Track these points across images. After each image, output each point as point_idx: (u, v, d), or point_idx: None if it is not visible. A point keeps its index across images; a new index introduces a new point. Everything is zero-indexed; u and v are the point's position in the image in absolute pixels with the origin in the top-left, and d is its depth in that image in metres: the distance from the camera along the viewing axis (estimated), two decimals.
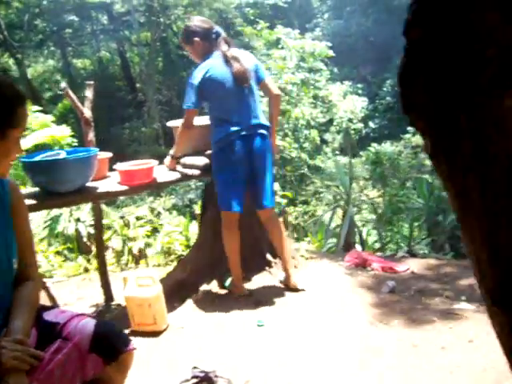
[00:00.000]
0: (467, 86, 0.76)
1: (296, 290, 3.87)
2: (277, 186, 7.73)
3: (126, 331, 3.51)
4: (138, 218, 7.44)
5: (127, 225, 7.04)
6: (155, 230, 7.19)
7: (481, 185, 0.80)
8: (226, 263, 3.94)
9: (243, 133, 3.56)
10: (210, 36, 3.61)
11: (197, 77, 3.54)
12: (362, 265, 4.47)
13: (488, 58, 0.74)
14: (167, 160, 3.86)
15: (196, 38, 3.62)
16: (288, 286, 3.90)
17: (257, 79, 3.69)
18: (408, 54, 0.83)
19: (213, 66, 3.55)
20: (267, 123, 3.70)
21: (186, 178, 3.89)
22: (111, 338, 1.83)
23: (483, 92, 0.75)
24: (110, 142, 15.79)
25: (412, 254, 5.18)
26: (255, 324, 3.49)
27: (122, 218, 7.15)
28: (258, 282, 4.12)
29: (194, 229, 6.56)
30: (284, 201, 7.09)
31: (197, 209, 8.27)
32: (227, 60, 3.54)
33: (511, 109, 0.75)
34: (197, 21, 3.69)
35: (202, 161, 3.77)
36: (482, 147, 0.77)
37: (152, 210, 8.63)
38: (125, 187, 3.53)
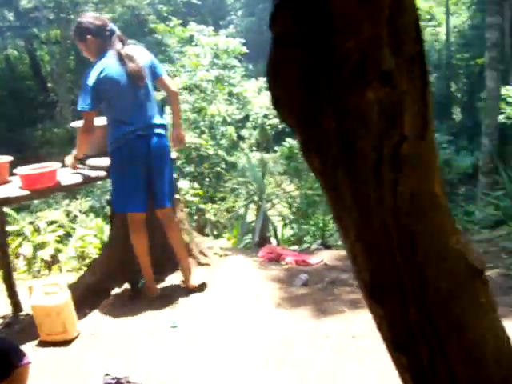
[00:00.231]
0: (330, 81, 0.75)
1: (196, 289, 3.83)
2: (186, 184, 7.63)
3: (35, 342, 3.36)
4: (51, 223, 7.16)
5: (38, 230, 6.76)
6: (69, 235, 6.94)
7: (350, 180, 0.79)
8: (138, 264, 3.85)
9: (139, 132, 3.50)
10: (103, 33, 3.50)
11: (92, 77, 3.42)
12: (276, 259, 4.50)
13: (348, 51, 0.73)
14: (68, 159, 3.71)
15: (88, 36, 3.50)
16: (187, 287, 3.86)
17: (154, 76, 3.63)
18: (274, 48, 0.81)
19: (108, 66, 3.44)
20: (164, 122, 3.67)
21: (91, 179, 3.77)
22: (2, 353, 1.72)
23: (345, 86, 0.74)
24: (24, 145, 15.16)
25: (326, 246, 5.27)
26: (169, 326, 3.43)
27: (31, 223, 6.85)
28: (171, 282, 4.05)
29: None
30: (196, 199, 7.03)
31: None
32: (122, 59, 3.45)
33: (374, 102, 0.75)
34: (89, 17, 3.57)
35: (107, 161, 3.66)
36: (349, 142, 0.77)
37: (68, 213, 8.34)
38: (26, 192, 3.37)
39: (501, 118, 7.62)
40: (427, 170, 0.82)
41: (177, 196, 4.11)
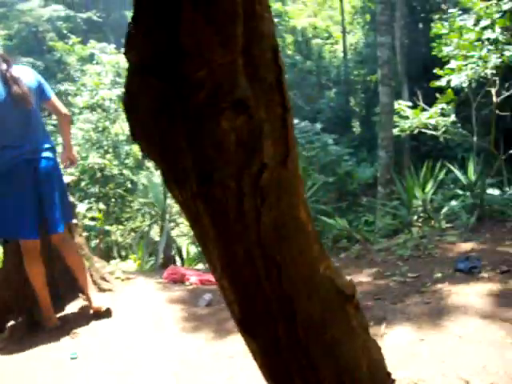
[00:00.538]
0: (185, 111, 0.73)
1: (101, 313, 3.69)
2: (85, 208, 7.39)
3: None
4: None
5: None
6: None
7: (211, 212, 0.77)
8: (35, 294, 3.65)
9: (25, 157, 3.34)
10: None
11: None
12: (180, 280, 4.43)
13: (200, 80, 0.71)
14: None
15: None
16: (92, 311, 3.72)
17: (42, 98, 3.49)
18: (130, 77, 0.78)
19: None
20: (50, 144, 3.53)
21: None
22: None
23: (199, 116, 0.72)
24: None
25: None
26: (68, 357, 3.27)
27: None
28: (72, 310, 3.88)
29: None
30: (96, 222, 6.81)
31: None
32: (6, 81, 3.29)
33: (230, 132, 0.73)
34: None
35: None
36: (207, 174, 0.74)
37: None
38: None
39: (395, 131, 7.99)
40: (291, 197, 0.81)
41: (74, 221, 3.96)
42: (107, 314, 3.71)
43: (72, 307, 3.91)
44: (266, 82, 0.77)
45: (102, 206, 9.71)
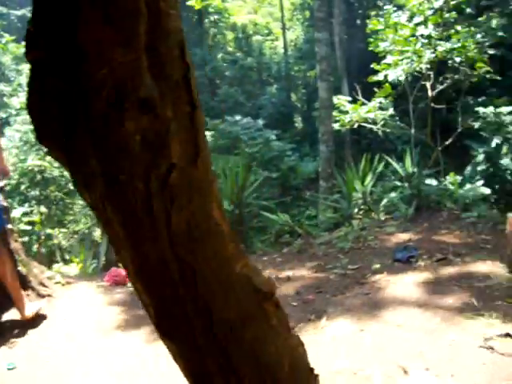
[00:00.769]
0: (86, 111, 0.70)
1: (31, 320, 3.58)
2: (18, 212, 7.16)
3: None
4: None
5: None
6: None
7: (120, 215, 0.75)
8: None
9: None
10: None
11: None
12: (123, 282, 4.35)
13: (102, 80, 0.69)
14: None
15: None
16: (24, 320, 3.61)
17: None
18: (31, 78, 0.75)
19: None
20: None
21: None
22: None
23: (102, 117, 0.70)
24: None
25: None
26: (5, 368, 3.15)
27: None
28: (9, 318, 3.74)
29: None
30: (29, 228, 6.61)
31: None
32: None
33: (135, 132, 0.71)
34: None
35: None
36: (113, 176, 0.72)
37: None
38: None
39: (336, 125, 8.08)
40: (203, 198, 0.80)
41: (9, 226, 3.82)
42: (38, 319, 3.61)
43: (9, 315, 3.78)
44: (173, 79, 0.76)
45: (43, 209, 9.44)
